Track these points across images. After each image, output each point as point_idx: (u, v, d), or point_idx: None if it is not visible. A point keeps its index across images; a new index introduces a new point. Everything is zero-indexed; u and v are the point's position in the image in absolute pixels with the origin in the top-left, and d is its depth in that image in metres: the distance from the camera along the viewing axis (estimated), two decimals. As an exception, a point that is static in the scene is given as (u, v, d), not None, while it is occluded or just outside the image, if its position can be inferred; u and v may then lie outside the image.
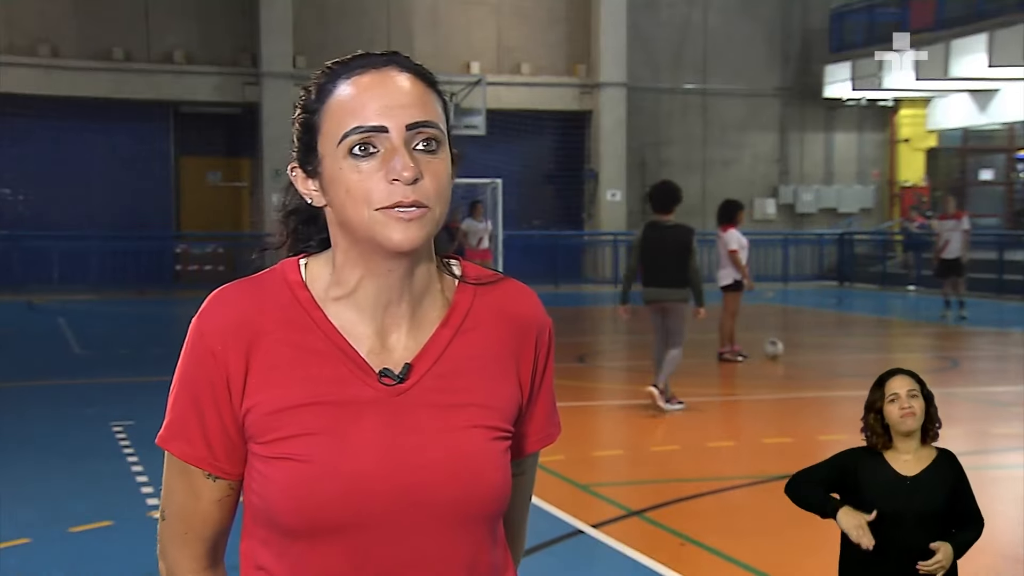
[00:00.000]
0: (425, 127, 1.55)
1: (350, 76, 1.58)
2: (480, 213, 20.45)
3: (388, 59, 1.59)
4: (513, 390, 1.68)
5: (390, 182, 1.53)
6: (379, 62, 1.58)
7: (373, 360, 1.61)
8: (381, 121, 1.54)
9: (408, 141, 1.54)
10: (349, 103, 1.56)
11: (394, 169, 1.53)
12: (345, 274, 1.62)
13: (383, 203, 1.53)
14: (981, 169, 28.17)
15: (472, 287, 1.69)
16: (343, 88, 1.57)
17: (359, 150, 1.54)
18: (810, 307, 22.06)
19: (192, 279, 22.99)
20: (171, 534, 1.67)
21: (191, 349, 1.61)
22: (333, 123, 1.56)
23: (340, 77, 1.59)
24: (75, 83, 23.24)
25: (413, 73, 1.59)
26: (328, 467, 1.55)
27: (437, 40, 25.30)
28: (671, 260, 9.60)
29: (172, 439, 1.63)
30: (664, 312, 9.73)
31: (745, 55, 27.71)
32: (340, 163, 1.55)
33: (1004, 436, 9.26)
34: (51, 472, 7.68)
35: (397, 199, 1.52)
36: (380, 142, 1.54)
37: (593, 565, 5.97)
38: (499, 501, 1.63)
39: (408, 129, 1.54)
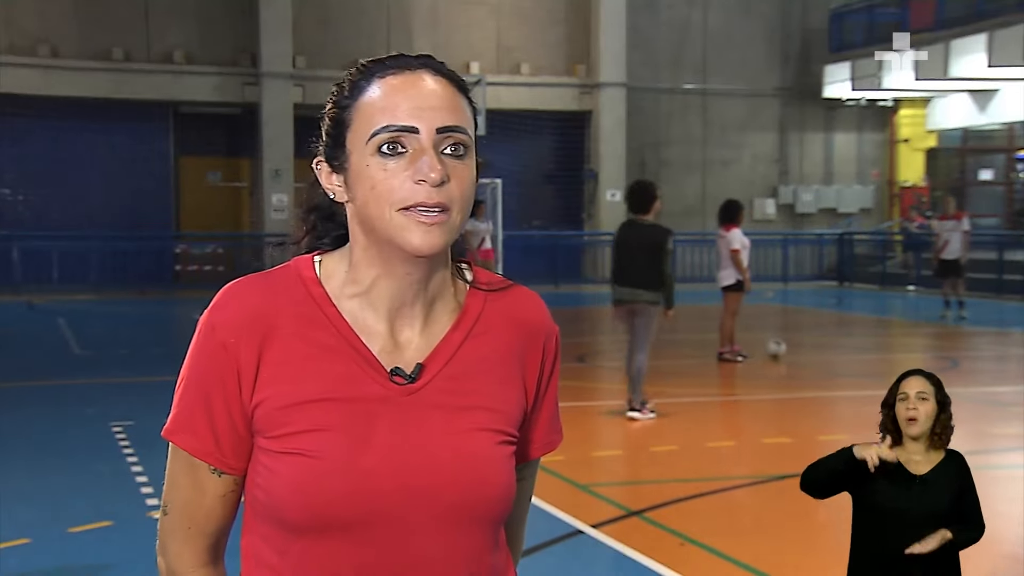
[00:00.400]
0: (455, 131, 1.56)
1: (384, 75, 1.59)
2: (482, 213, 20.44)
3: (423, 62, 1.60)
4: (519, 395, 1.69)
5: (416, 182, 1.54)
6: (414, 64, 1.60)
7: (385, 359, 1.61)
8: (412, 122, 1.55)
9: (437, 144, 1.55)
10: (381, 101, 1.57)
11: (421, 170, 1.54)
12: (361, 272, 1.62)
13: (406, 202, 1.54)
14: (981, 169, 28.17)
15: (483, 292, 1.70)
16: (376, 86, 1.58)
17: (387, 148, 1.55)
18: (810, 307, 22.06)
19: (192, 279, 22.99)
20: (173, 529, 1.66)
21: (202, 342, 1.61)
22: (363, 120, 1.57)
23: (374, 75, 1.59)
24: (75, 83, 23.24)
25: (446, 78, 1.60)
26: (337, 463, 1.55)
27: (437, 40, 25.30)
28: (644, 260, 9.31)
29: (179, 431, 1.62)
30: (633, 314, 9.46)
31: (745, 55, 27.72)
32: (367, 160, 1.56)
33: (1004, 436, 9.26)
34: (51, 472, 7.68)
35: (421, 199, 1.53)
36: (409, 142, 1.55)
37: (593, 565, 5.97)
38: (503, 504, 1.64)
39: (438, 132, 1.55)
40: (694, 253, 25.68)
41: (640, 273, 9.32)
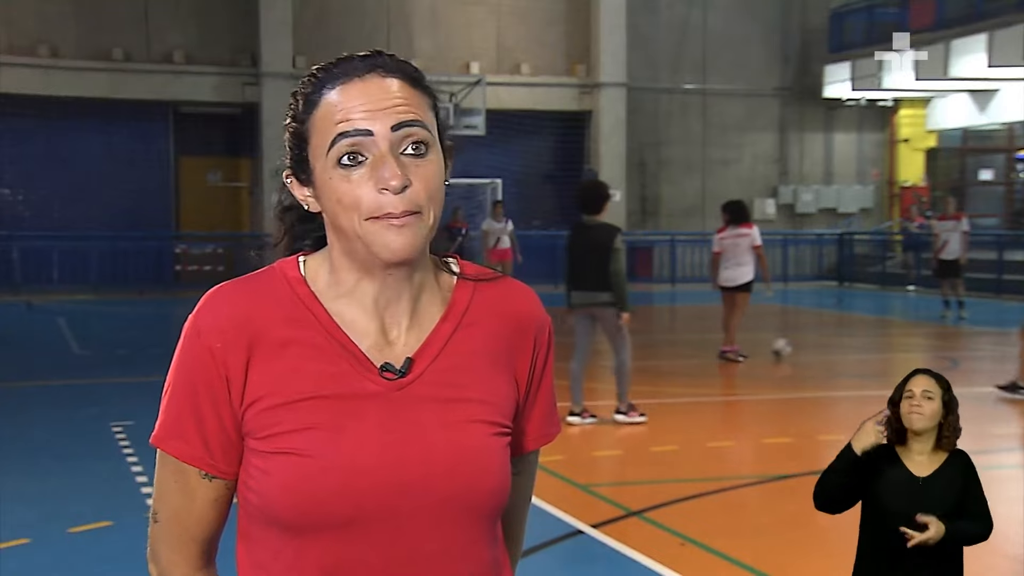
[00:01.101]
0: (410, 126, 1.55)
1: (334, 85, 1.57)
2: (500, 212, 20.33)
3: (371, 64, 1.58)
4: (510, 386, 1.68)
5: (379, 191, 1.53)
6: (362, 68, 1.58)
7: (374, 355, 1.61)
8: (365, 125, 1.54)
9: (396, 144, 1.54)
10: (333, 113, 1.56)
11: (382, 178, 1.53)
12: (342, 275, 1.62)
13: (373, 213, 1.53)
14: (981, 169, 28.17)
15: (471, 284, 1.69)
16: (328, 97, 1.57)
17: (348, 159, 1.54)
18: (810, 307, 22.06)
19: (192, 279, 22.99)
20: (164, 536, 1.65)
21: (188, 348, 1.60)
22: (320, 133, 1.57)
23: (325, 86, 1.58)
24: (75, 83, 23.24)
25: (398, 74, 1.58)
26: (328, 461, 1.55)
27: (437, 40, 25.31)
28: (596, 261, 9.08)
29: (168, 438, 1.61)
30: (594, 318, 9.27)
31: (745, 55, 27.71)
32: (330, 172, 1.56)
33: (1004, 436, 9.26)
34: (51, 472, 7.68)
35: (387, 210, 1.53)
36: (368, 148, 1.54)
37: (593, 565, 5.97)
38: (499, 497, 1.63)
39: (393, 130, 1.54)
40: (694, 253, 25.67)
41: (594, 275, 9.11)
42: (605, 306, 9.17)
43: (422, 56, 24.18)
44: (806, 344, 15.38)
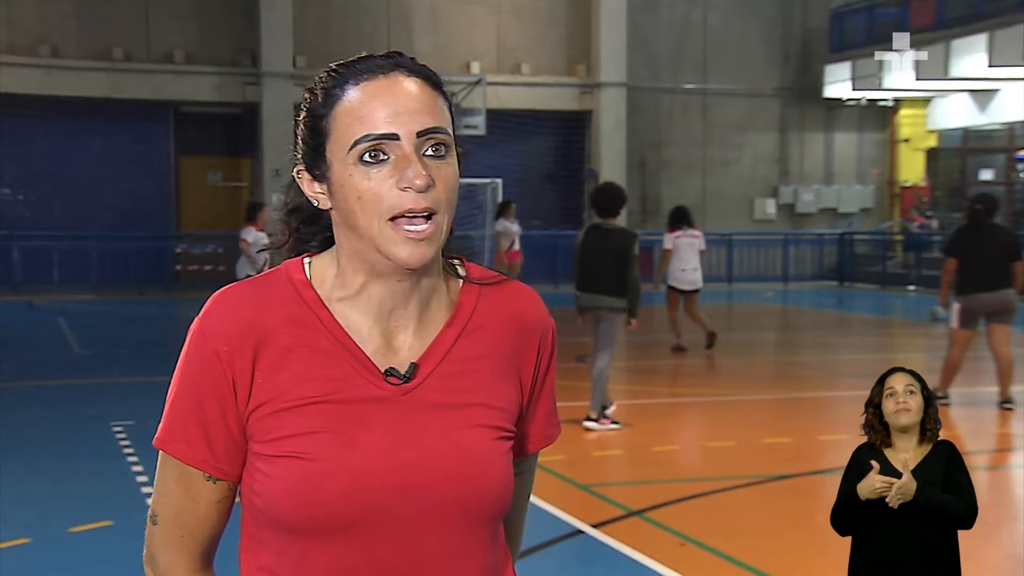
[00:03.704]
0: (435, 133, 1.56)
1: (358, 81, 1.58)
2: (512, 213, 20.10)
3: (394, 63, 1.59)
4: (515, 391, 1.69)
5: (402, 190, 1.53)
6: (385, 66, 1.58)
7: (379, 360, 1.61)
8: (391, 129, 1.54)
9: (418, 148, 1.55)
10: (358, 110, 1.56)
11: (406, 177, 1.53)
12: (349, 278, 1.62)
13: (394, 210, 1.54)
14: (981, 169, 28.16)
15: (477, 288, 1.70)
16: (351, 94, 1.57)
17: (369, 157, 1.55)
18: (810, 307, 22.06)
19: (192, 279, 22.99)
20: (164, 537, 1.65)
21: (194, 351, 1.60)
22: (342, 130, 1.57)
23: (347, 82, 1.59)
24: (75, 83, 23.23)
25: (420, 76, 1.59)
26: (332, 465, 1.55)
27: (437, 40, 25.30)
28: (611, 266, 8.95)
29: (171, 440, 1.61)
30: (598, 320, 9.16)
31: (745, 55, 27.70)
32: (350, 170, 1.56)
33: (1004, 436, 9.26)
34: (51, 472, 7.68)
35: (408, 206, 1.53)
36: (390, 149, 1.55)
37: (593, 565, 5.97)
38: (502, 501, 1.64)
39: (419, 136, 1.55)
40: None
41: (606, 279, 9.01)
42: (614, 311, 9.10)
43: (422, 56, 23.71)
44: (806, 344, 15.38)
